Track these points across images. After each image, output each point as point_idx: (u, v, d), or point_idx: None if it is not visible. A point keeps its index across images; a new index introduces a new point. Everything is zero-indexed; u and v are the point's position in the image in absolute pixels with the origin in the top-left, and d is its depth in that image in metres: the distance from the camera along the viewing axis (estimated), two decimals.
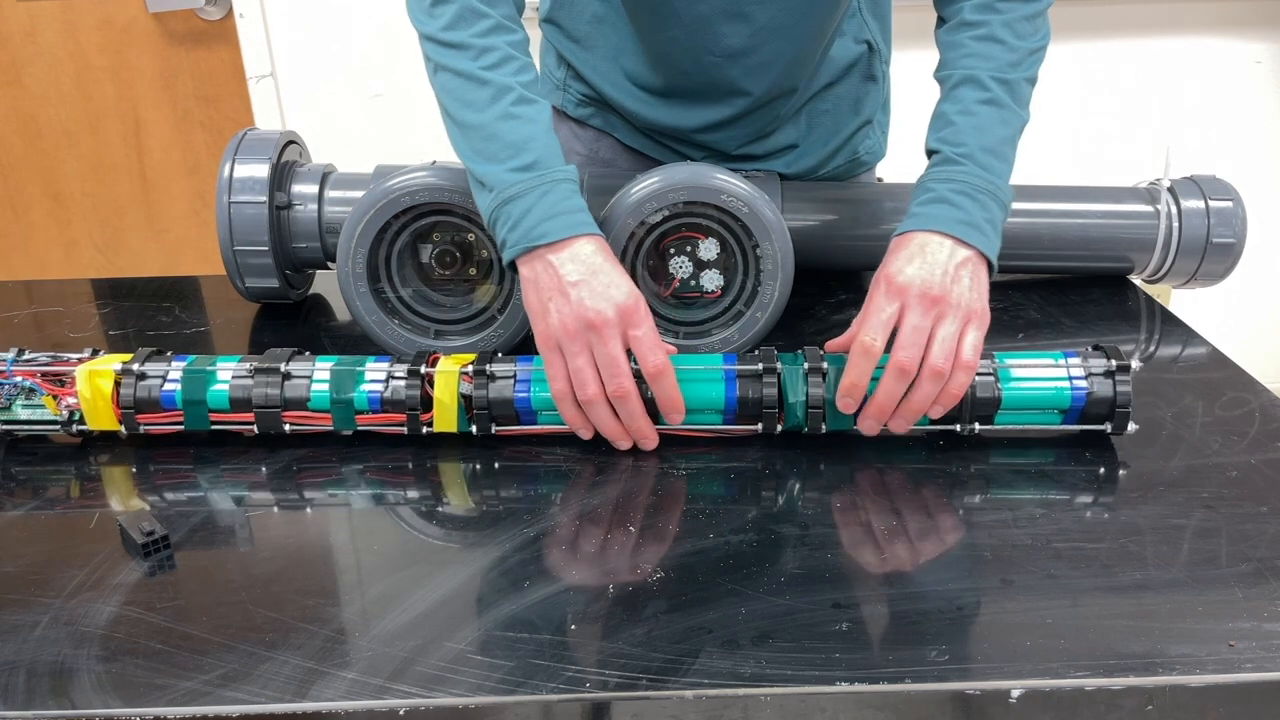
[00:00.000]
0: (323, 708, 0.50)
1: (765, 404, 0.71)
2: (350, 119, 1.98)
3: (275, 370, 0.73)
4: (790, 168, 0.98)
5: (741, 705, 0.50)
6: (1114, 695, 0.50)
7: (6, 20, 1.97)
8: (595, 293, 0.69)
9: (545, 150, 0.73)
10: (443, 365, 0.73)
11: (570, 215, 0.71)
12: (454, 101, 0.75)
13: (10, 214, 2.13)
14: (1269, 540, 0.61)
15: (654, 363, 0.69)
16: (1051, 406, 0.71)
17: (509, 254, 0.72)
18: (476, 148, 0.74)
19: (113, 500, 0.71)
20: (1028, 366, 0.72)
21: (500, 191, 0.72)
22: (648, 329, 0.70)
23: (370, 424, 0.73)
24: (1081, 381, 0.71)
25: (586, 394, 0.69)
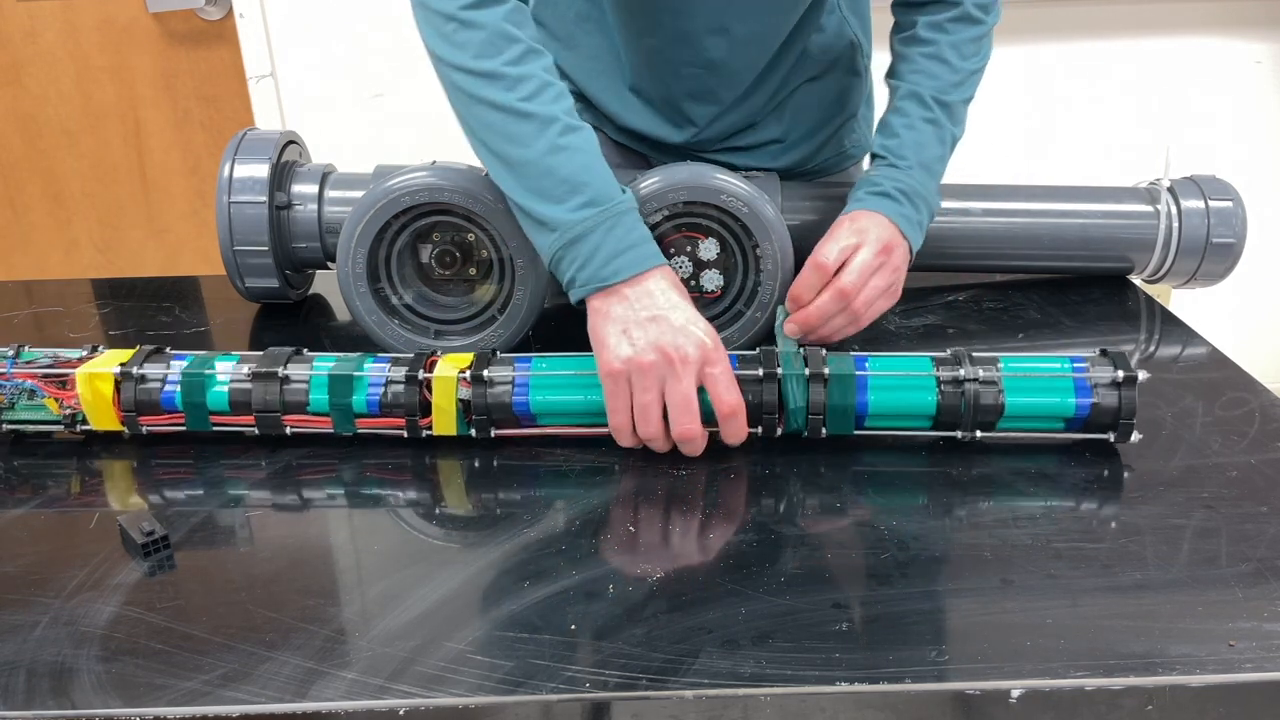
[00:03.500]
0: (323, 708, 0.50)
1: (765, 409, 0.71)
2: (350, 119, 1.98)
3: (273, 375, 0.72)
4: (776, 161, 0.99)
5: (741, 705, 0.50)
6: (1114, 695, 0.50)
7: (6, 20, 1.97)
8: (675, 329, 0.68)
9: (603, 182, 0.72)
10: (440, 370, 0.72)
11: (639, 249, 0.71)
12: (496, 137, 0.73)
13: (10, 214, 2.13)
14: (1269, 540, 0.61)
15: (729, 402, 0.68)
16: (1055, 415, 0.71)
17: (578, 293, 0.71)
18: (530, 186, 0.72)
19: (113, 500, 0.71)
20: (1032, 375, 0.71)
21: (564, 232, 0.71)
22: (724, 368, 0.68)
23: (370, 427, 0.73)
24: (1087, 392, 0.70)
25: (649, 432, 0.69)
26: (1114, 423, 0.70)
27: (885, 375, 0.71)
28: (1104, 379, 0.70)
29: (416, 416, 0.72)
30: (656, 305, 0.69)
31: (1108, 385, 0.70)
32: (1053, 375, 0.71)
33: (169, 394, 0.73)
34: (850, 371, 0.70)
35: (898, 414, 0.71)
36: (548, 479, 0.70)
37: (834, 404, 0.70)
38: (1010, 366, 0.71)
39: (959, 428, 0.71)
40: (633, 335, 0.68)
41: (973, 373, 0.70)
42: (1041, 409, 0.70)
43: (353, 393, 0.72)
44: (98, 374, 0.73)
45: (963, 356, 0.71)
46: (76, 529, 0.66)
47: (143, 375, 0.73)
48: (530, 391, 0.72)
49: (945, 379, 0.70)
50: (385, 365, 0.73)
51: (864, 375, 0.71)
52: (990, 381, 0.70)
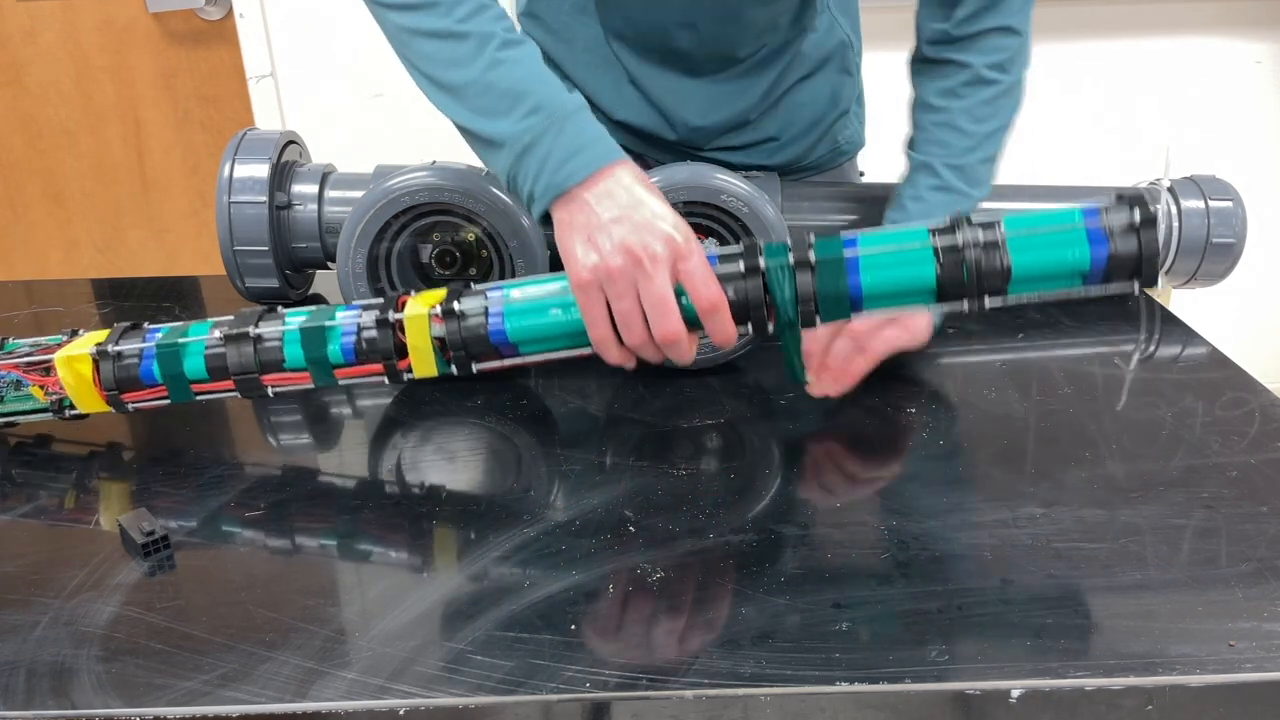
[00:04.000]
0: (323, 708, 0.50)
1: (752, 305, 0.66)
2: (350, 119, 1.98)
3: (245, 336, 0.70)
4: (772, 159, 0.99)
5: (741, 705, 0.50)
6: (1114, 695, 0.50)
7: (6, 20, 1.97)
8: (640, 226, 0.64)
9: (547, 88, 0.69)
10: (411, 309, 0.69)
11: (593, 147, 0.67)
12: (436, 66, 0.71)
13: (10, 214, 2.13)
14: (1269, 540, 0.61)
15: (709, 297, 0.64)
16: (1070, 272, 0.64)
17: (539, 206, 0.68)
18: (474, 106, 0.70)
19: (113, 500, 0.71)
20: (1039, 232, 0.64)
21: (512, 145, 0.68)
22: (699, 260, 0.64)
23: (350, 377, 0.71)
24: (1103, 241, 0.63)
25: (634, 339, 0.65)
26: (1137, 269, 0.64)
27: (877, 252, 0.65)
28: (1120, 224, 0.63)
29: (394, 360, 0.69)
30: (619, 204, 0.65)
31: (1125, 230, 0.63)
32: (1062, 229, 0.64)
33: (147, 367, 0.72)
34: (839, 254, 0.65)
35: (895, 293, 0.66)
36: (547, 478, 0.70)
37: (825, 291, 0.65)
38: (1015, 225, 0.65)
39: (964, 298, 0.65)
40: (598, 241, 0.64)
41: (973, 236, 0.64)
42: (1053, 266, 0.64)
43: (326, 343, 0.70)
44: (75, 356, 0.72)
45: (961, 221, 0.65)
46: (76, 529, 0.66)
47: (119, 353, 0.72)
48: (505, 319, 0.68)
49: (943, 247, 0.64)
50: (357, 312, 0.71)
51: (854, 255, 0.65)
52: (993, 244, 0.64)
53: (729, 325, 0.65)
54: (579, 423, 0.78)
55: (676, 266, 0.64)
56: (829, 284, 0.65)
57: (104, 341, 0.72)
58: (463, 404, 0.81)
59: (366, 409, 0.83)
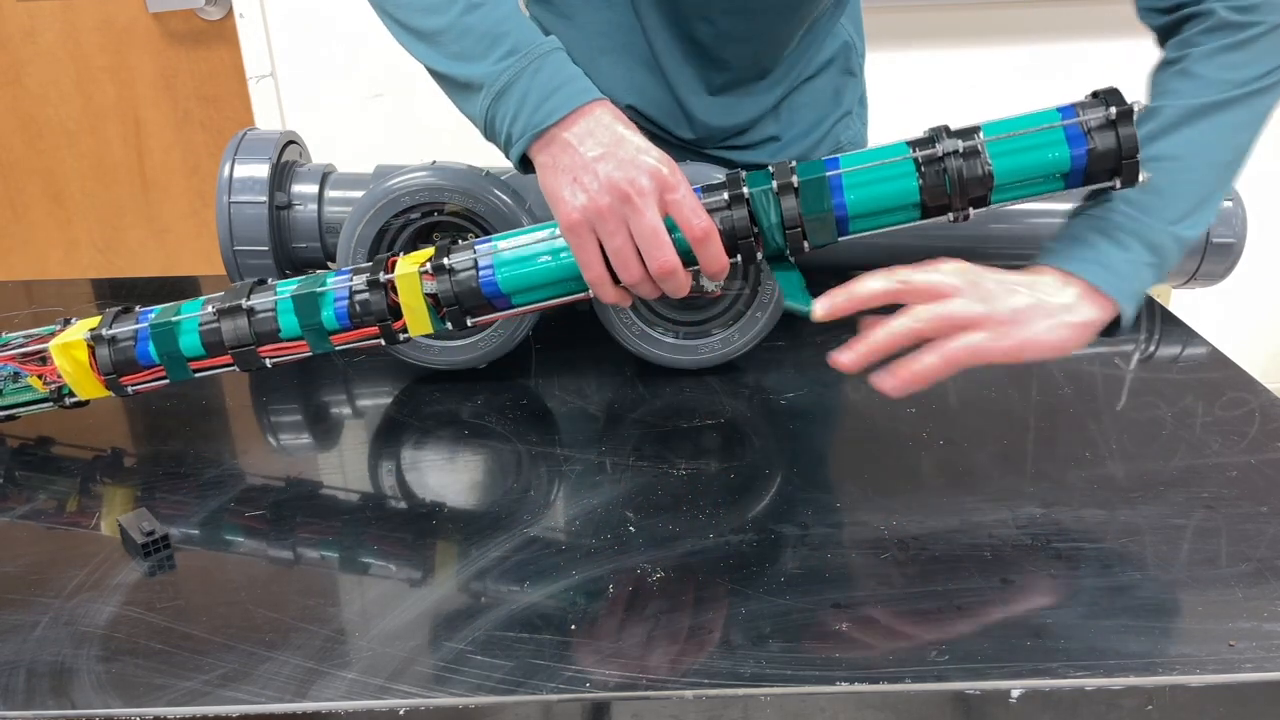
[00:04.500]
0: (323, 708, 0.50)
1: (739, 234, 0.66)
2: (350, 119, 1.98)
3: (239, 309, 0.70)
4: (774, 158, 0.99)
5: (741, 705, 0.50)
6: (1114, 695, 0.50)
7: (6, 20, 1.97)
8: (624, 162, 0.63)
9: (522, 29, 0.68)
10: (401, 268, 0.69)
11: (570, 85, 0.66)
12: (411, 13, 0.70)
13: (10, 214, 2.13)
14: (1269, 540, 0.61)
15: (700, 225, 0.63)
16: (1050, 173, 0.65)
17: (517, 148, 0.66)
18: (450, 51, 0.69)
19: (113, 500, 0.71)
20: (1017, 135, 0.64)
21: (489, 87, 0.67)
22: (685, 190, 0.64)
23: (346, 342, 0.71)
24: (1081, 140, 0.64)
25: (631, 276, 0.65)
26: (1117, 166, 0.64)
27: (859, 170, 0.66)
28: (1096, 120, 0.64)
29: (388, 321, 0.70)
30: (600, 142, 0.64)
31: (1101, 126, 0.64)
32: (1040, 130, 0.64)
33: (144, 349, 0.71)
34: (821, 174, 0.65)
35: (880, 210, 0.66)
36: (547, 478, 0.70)
37: (809, 213, 0.65)
38: (993, 130, 0.65)
39: (949, 209, 0.65)
40: (583, 181, 0.63)
41: (953, 145, 0.64)
42: (1034, 168, 0.65)
43: (320, 310, 0.70)
44: (71, 343, 0.71)
45: (940, 132, 0.65)
46: (76, 529, 0.66)
47: (114, 336, 0.71)
48: (496, 270, 0.68)
49: (924, 159, 0.64)
50: (347, 275, 0.70)
51: (836, 175, 0.65)
52: (973, 151, 0.64)
53: (720, 254, 0.65)
54: (579, 423, 0.78)
55: (664, 198, 0.63)
56: (813, 205, 0.65)
57: (98, 326, 0.72)
58: (463, 404, 0.81)
59: (367, 409, 0.83)
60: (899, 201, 0.66)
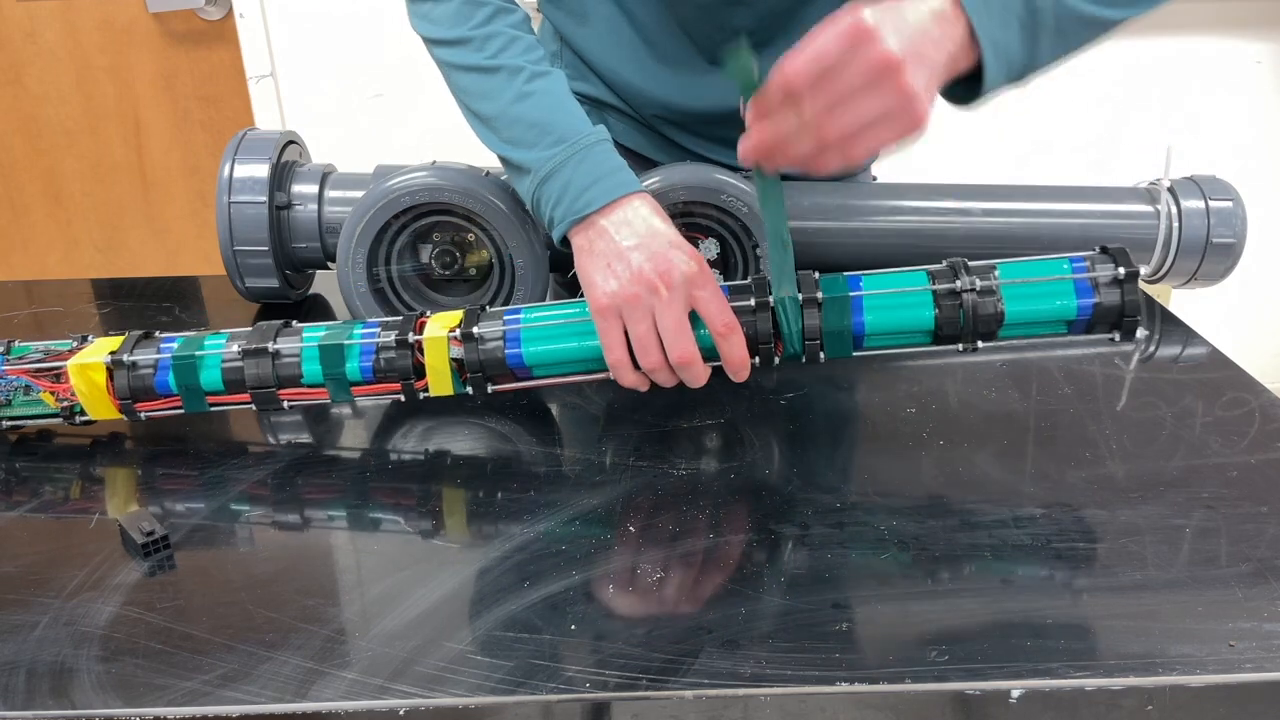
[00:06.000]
0: (323, 708, 0.50)
1: (760, 338, 0.69)
2: (350, 119, 1.98)
3: (264, 351, 0.71)
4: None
5: (741, 705, 0.50)
6: (1114, 695, 0.50)
7: (6, 20, 1.97)
8: (656, 254, 0.67)
9: (570, 119, 0.73)
10: (430, 331, 0.71)
11: (613, 176, 0.70)
12: (471, 98, 0.75)
13: (10, 214, 2.13)
14: (1269, 540, 0.61)
15: (725, 322, 0.67)
16: (1057, 319, 0.69)
17: (559, 231, 0.71)
18: (505, 137, 0.74)
19: (113, 500, 0.71)
20: (1031, 281, 0.69)
21: (536, 172, 0.71)
22: (713, 290, 0.67)
23: (366, 394, 0.72)
24: (1089, 293, 0.68)
25: (650, 362, 0.67)
26: (1118, 321, 0.69)
27: (881, 294, 0.69)
28: (1105, 277, 0.68)
29: (411, 380, 0.71)
30: (636, 233, 0.68)
31: (1109, 283, 0.68)
32: (1052, 279, 0.69)
33: (163, 379, 0.72)
34: (845, 293, 0.69)
35: (895, 332, 0.70)
36: (547, 479, 0.70)
37: (829, 327, 0.69)
38: (1008, 272, 0.69)
39: (959, 340, 0.69)
40: (616, 268, 0.67)
41: (970, 283, 0.68)
42: (1042, 314, 0.69)
43: (345, 361, 0.71)
44: (89, 364, 0.72)
45: (959, 267, 0.69)
46: (76, 529, 0.66)
47: (134, 363, 0.72)
48: (522, 344, 0.70)
49: (942, 292, 0.68)
50: (375, 330, 0.72)
51: (859, 295, 0.69)
52: (988, 291, 0.68)
53: (742, 350, 0.68)
54: (579, 423, 0.78)
55: (692, 294, 0.66)
56: (834, 321, 0.69)
57: (118, 350, 0.73)
58: (463, 404, 0.81)
59: (367, 409, 0.83)
60: (914, 327, 0.70)
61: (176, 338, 0.74)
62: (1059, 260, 0.70)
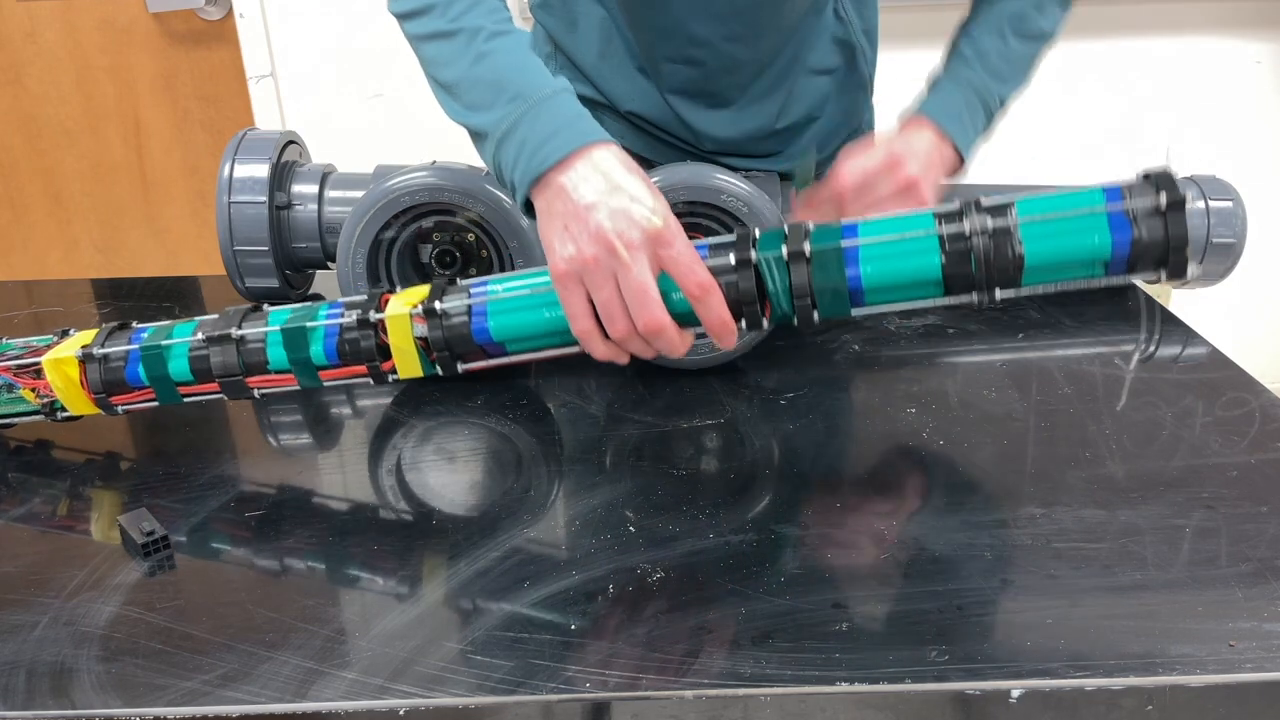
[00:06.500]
0: (323, 708, 0.50)
1: (744, 299, 0.62)
2: (350, 119, 1.98)
3: (228, 338, 0.69)
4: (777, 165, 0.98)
5: (741, 705, 0.50)
6: (1114, 695, 0.50)
7: (6, 20, 1.97)
8: (615, 212, 0.60)
9: (528, 76, 0.67)
10: (393, 309, 0.67)
11: (571, 127, 0.64)
12: (435, 67, 0.72)
13: (10, 214, 2.13)
14: (1269, 540, 0.61)
15: (698, 280, 0.61)
16: (1090, 260, 0.60)
17: (520, 194, 0.65)
18: (465, 102, 0.69)
19: (113, 500, 0.71)
20: (1056, 217, 0.59)
21: (494, 134, 0.66)
22: (682, 246, 0.61)
23: (335, 378, 0.70)
24: (1125, 228, 0.58)
25: (618, 331, 0.62)
26: (1164, 258, 0.59)
27: (878, 242, 0.61)
28: (1145, 208, 0.58)
29: (376, 362, 0.68)
30: (595, 188, 0.61)
31: (1150, 214, 0.58)
32: (1080, 213, 0.59)
33: (133, 370, 0.70)
34: (835, 244, 0.61)
35: (898, 285, 0.62)
36: (547, 479, 0.70)
37: (821, 284, 0.61)
38: (1028, 209, 0.59)
39: (974, 290, 0.61)
40: (573, 230, 0.61)
41: (981, 224, 0.59)
42: (1071, 255, 0.59)
43: (309, 345, 0.68)
44: (63, 359, 0.71)
45: (970, 206, 0.61)
46: (76, 529, 0.66)
47: (105, 355, 0.71)
48: (489, 318, 0.66)
49: (949, 236, 0.60)
50: (340, 312, 0.68)
51: (853, 245, 0.61)
52: (1004, 232, 0.59)
53: (723, 311, 0.62)
54: (579, 423, 0.78)
55: (658, 253, 0.61)
56: (826, 277, 0.62)
57: (90, 343, 0.71)
58: (463, 404, 0.81)
59: (366, 409, 0.83)
60: (919, 278, 0.62)
61: (147, 328, 0.72)
62: (1091, 191, 0.60)
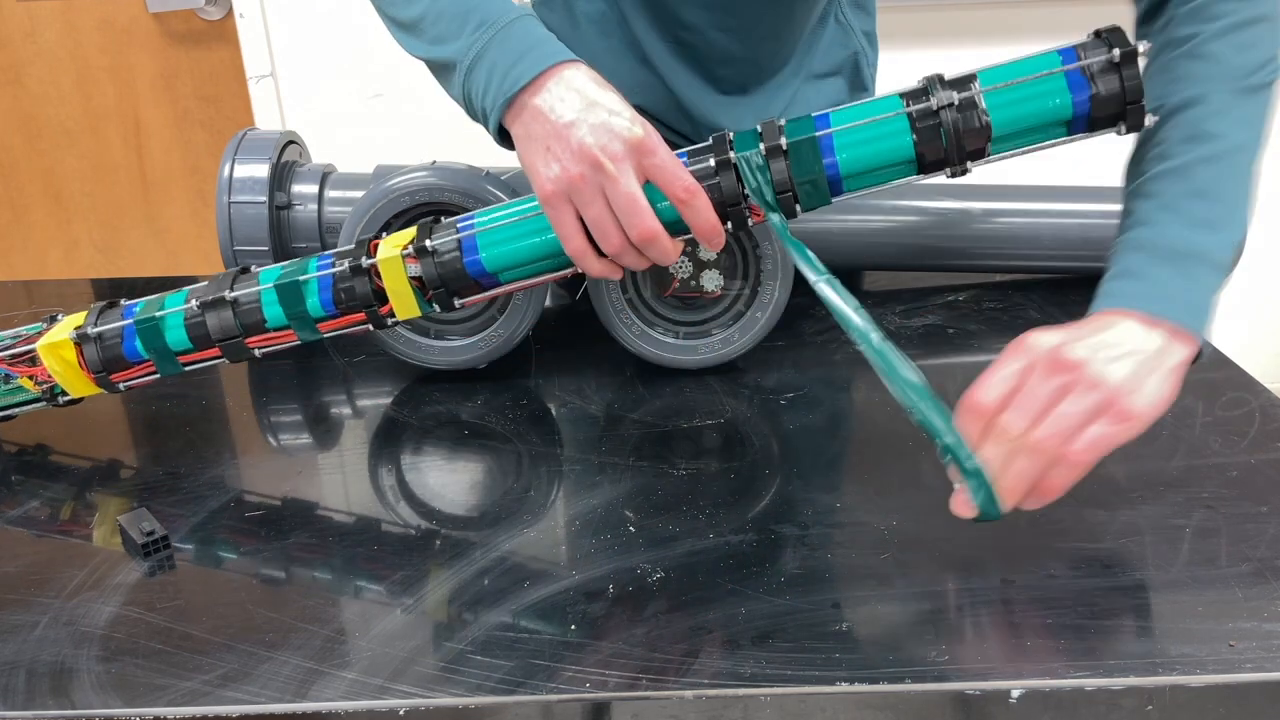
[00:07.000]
0: (323, 708, 0.50)
1: (728, 200, 0.63)
2: (350, 119, 1.98)
3: (222, 301, 0.69)
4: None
5: (741, 705, 0.50)
6: (1114, 695, 0.50)
7: (6, 20, 1.97)
8: (596, 127, 0.61)
9: (493, 3, 0.67)
10: (383, 252, 0.67)
11: (539, 48, 0.64)
12: (394, 6, 0.71)
13: (10, 214, 2.13)
14: (1269, 540, 0.61)
15: (684, 185, 0.61)
16: (1052, 122, 0.62)
17: (493, 121, 0.65)
18: (429, 36, 0.68)
19: (113, 500, 0.71)
20: (1016, 83, 0.61)
21: (461, 63, 0.66)
22: (665, 153, 0.62)
23: (334, 329, 0.70)
24: (1083, 85, 0.61)
25: (612, 246, 0.63)
26: (1121, 111, 0.62)
27: (851, 128, 0.63)
28: (1099, 64, 0.60)
29: (375, 307, 0.69)
30: (571, 106, 0.62)
31: (1104, 70, 0.60)
32: (1039, 77, 0.61)
33: (131, 345, 0.71)
34: (811, 134, 0.63)
35: (874, 168, 0.64)
36: (547, 478, 0.71)
37: (800, 176, 0.63)
38: (990, 78, 0.62)
39: (946, 165, 0.63)
40: (555, 150, 0.61)
41: (947, 98, 0.61)
42: (1034, 118, 0.62)
43: (304, 298, 0.69)
44: (58, 343, 0.71)
45: (934, 83, 0.62)
46: (76, 529, 0.66)
47: (100, 334, 0.71)
48: (480, 250, 0.67)
49: (918, 114, 0.62)
50: (330, 262, 0.69)
51: (827, 134, 0.63)
52: (969, 103, 0.61)
53: (710, 215, 0.63)
54: (579, 423, 0.78)
55: (642, 163, 0.61)
56: (804, 168, 0.63)
57: (83, 324, 0.71)
58: (463, 404, 0.81)
59: (366, 409, 0.83)
60: (893, 159, 0.63)
61: (138, 303, 0.72)
62: (1046, 55, 0.62)
